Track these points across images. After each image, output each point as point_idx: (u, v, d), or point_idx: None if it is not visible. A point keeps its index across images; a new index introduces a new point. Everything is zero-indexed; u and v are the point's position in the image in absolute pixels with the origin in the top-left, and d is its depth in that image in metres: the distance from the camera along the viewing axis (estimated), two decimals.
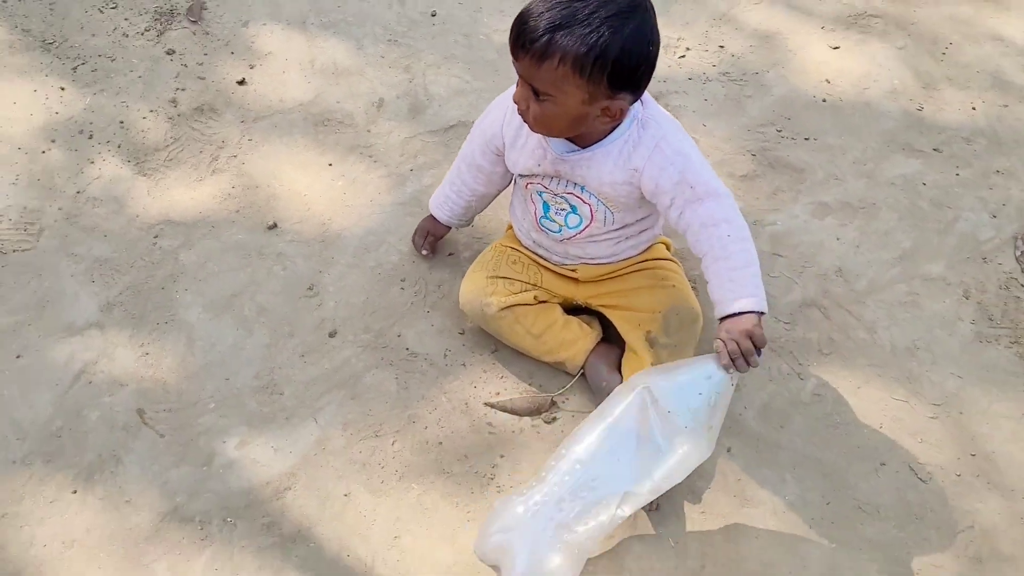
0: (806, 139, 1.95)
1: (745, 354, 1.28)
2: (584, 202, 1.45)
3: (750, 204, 1.82)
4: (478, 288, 1.56)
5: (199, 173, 1.86)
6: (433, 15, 2.18)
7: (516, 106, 1.32)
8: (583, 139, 1.38)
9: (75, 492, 1.45)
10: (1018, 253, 1.75)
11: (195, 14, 2.15)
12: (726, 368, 1.29)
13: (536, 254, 1.59)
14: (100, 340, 1.62)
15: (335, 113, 1.97)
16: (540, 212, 1.50)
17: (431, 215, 1.69)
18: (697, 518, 1.41)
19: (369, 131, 1.94)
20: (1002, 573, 1.37)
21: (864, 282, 1.72)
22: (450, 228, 1.70)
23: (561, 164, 1.40)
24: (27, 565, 1.38)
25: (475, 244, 1.75)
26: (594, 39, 1.20)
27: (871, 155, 1.93)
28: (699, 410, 1.24)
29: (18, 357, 1.60)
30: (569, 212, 1.47)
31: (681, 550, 1.38)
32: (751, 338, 1.28)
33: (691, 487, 1.44)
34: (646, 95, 1.38)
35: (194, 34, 2.12)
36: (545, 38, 1.21)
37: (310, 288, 1.69)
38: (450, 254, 1.74)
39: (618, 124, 1.34)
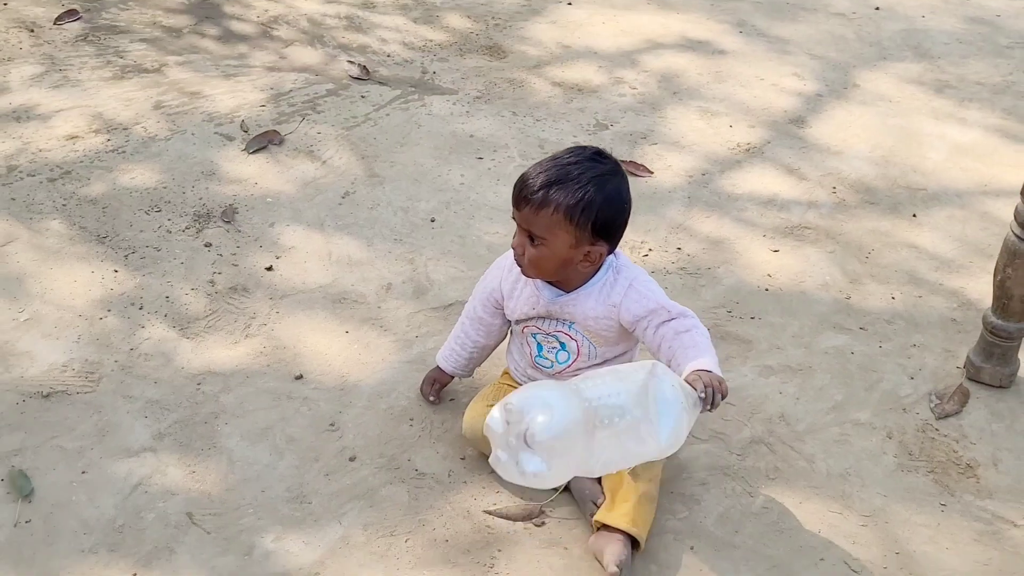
0: (752, 318, 2.64)
1: (716, 390, 1.82)
2: (571, 338, 2.08)
3: None
4: (479, 415, 2.14)
5: (234, 337, 2.49)
6: (432, 221, 2.93)
7: (513, 253, 1.98)
8: (567, 284, 2.04)
9: (135, 575, 1.93)
10: (932, 405, 2.39)
11: (228, 216, 2.88)
12: (701, 399, 1.80)
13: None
14: (154, 460, 2.16)
15: (350, 294, 2.65)
16: (535, 352, 2.13)
17: (437, 367, 2.31)
18: None
19: (380, 307, 2.61)
20: None
21: (803, 425, 2.33)
22: (453, 378, 2.31)
23: (552, 306, 2.06)
24: None
25: (473, 392, 2.35)
26: (582, 194, 1.89)
27: (807, 331, 2.61)
28: (677, 402, 1.77)
29: (83, 472, 2.13)
30: (559, 349, 2.10)
31: None
32: (720, 383, 1.85)
33: (660, 575, 1.96)
34: (618, 250, 2.07)
35: (227, 232, 2.84)
36: (542, 192, 1.90)
37: (332, 424, 2.27)
38: (451, 399, 2.34)
39: (597, 270, 2.01)
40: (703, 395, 1.80)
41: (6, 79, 3.55)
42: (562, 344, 2.10)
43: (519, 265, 2.02)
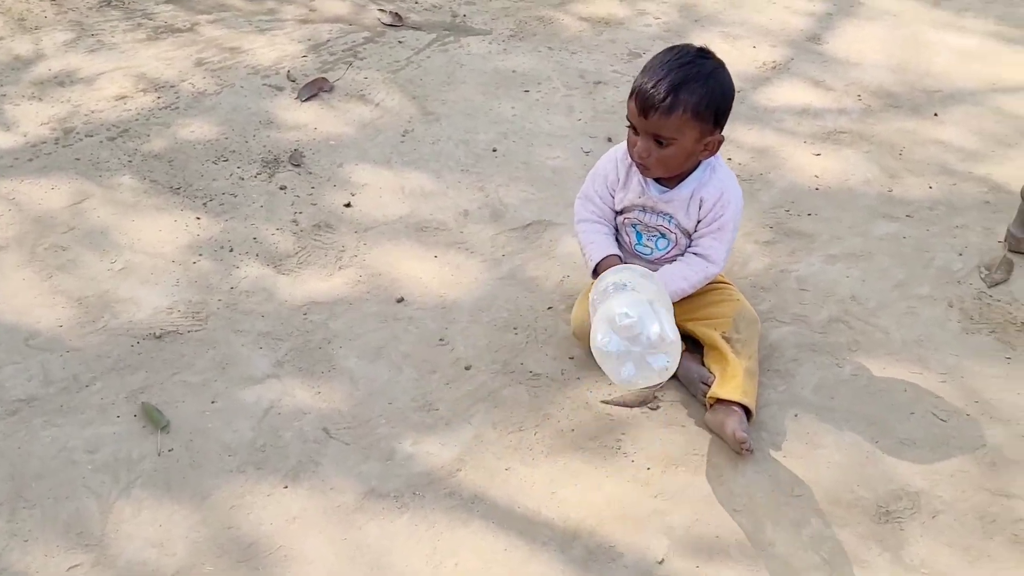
0: (808, 215, 2.77)
1: None
2: (670, 230, 2.21)
3: (776, 260, 2.60)
4: (584, 311, 2.26)
5: (328, 270, 2.58)
6: (494, 151, 3.02)
7: (636, 158, 2.09)
8: (672, 180, 2.15)
9: (286, 487, 2.03)
10: (982, 276, 2.55)
11: (296, 160, 2.95)
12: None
13: None
14: (279, 386, 2.25)
15: (430, 222, 2.74)
16: (634, 240, 2.26)
17: (605, 261, 2.26)
18: (780, 458, 2.06)
19: (462, 232, 2.70)
20: (1010, 472, 2.04)
21: (873, 303, 2.48)
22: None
23: (658, 200, 2.18)
24: (260, 536, 1.94)
25: (567, 299, 2.47)
26: (704, 91, 2.02)
27: (860, 222, 2.75)
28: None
29: (213, 402, 2.21)
30: (659, 237, 2.23)
31: (773, 475, 2.02)
32: None
33: (772, 440, 2.10)
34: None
35: (299, 175, 2.91)
36: (670, 97, 2.00)
37: (441, 339, 2.37)
38: (549, 308, 2.45)
39: (711, 155, 2.13)
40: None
41: (39, 46, 3.55)
42: (662, 234, 2.22)
43: (643, 167, 2.12)
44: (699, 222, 2.18)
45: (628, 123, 2.11)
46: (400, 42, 3.60)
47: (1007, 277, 2.56)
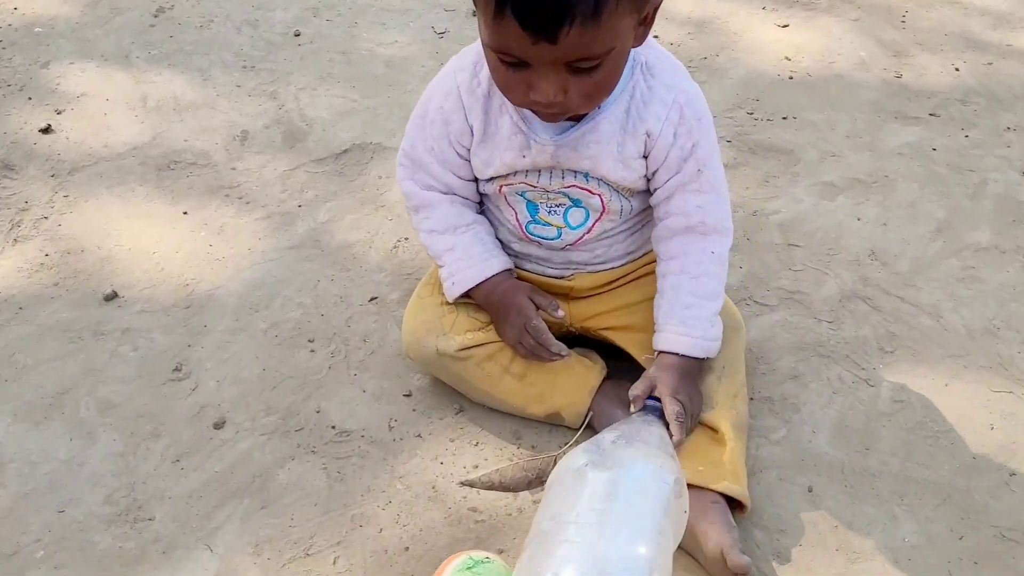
0: (784, 118, 1.74)
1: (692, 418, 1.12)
2: (591, 192, 1.14)
3: (740, 195, 1.57)
4: (429, 320, 1.21)
5: None
6: (297, 35, 1.90)
7: (543, 105, 1.00)
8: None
9: None
10: None
11: None
12: (674, 441, 1.07)
13: (520, 269, 1.25)
14: None
15: (183, 154, 1.63)
16: (525, 217, 1.18)
17: (489, 290, 1.21)
18: None
19: (234, 169, 1.60)
20: None
21: (905, 262, 1.48)
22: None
23: (555, 151, 1.10)
24: None
25: (404, 283, 1.42)
26: None
27: (863, 127, 1.74)
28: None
29: None
30: (569, 207, 1.16)
31: None
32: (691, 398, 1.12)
33: (775, 547, 1.11)
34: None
35: None
36: None
37: (176, 369, 1.29)
38: (373, 299, 1.40)
39: (642, 42, 1.06)
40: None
41: None
42: (575, 200, 1.16)
43: (552, 113, 1.04)
44: (655, 171, 1.14)
45: (502, 56, 1.00)
46: None
47: None
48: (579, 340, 1.28)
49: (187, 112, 1.71)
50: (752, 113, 1.76)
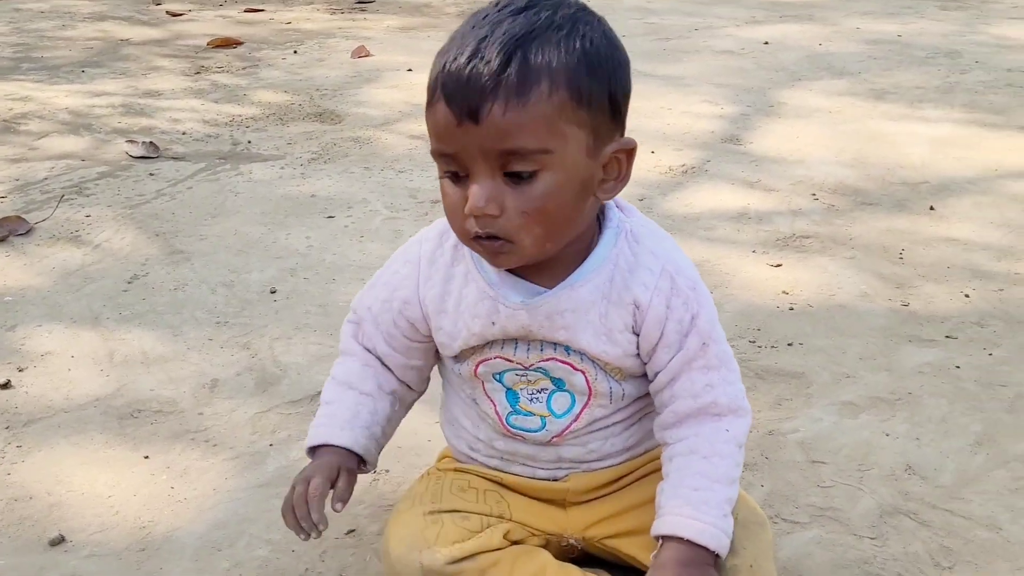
0: (789, 344, 1.72)
1: None
2: (573, 367, 1.09)
3: (756, 418, 1.51)
4: (414, 533, 1.09)
5: None
6: (273, 292, 1.92)
7: (475, 223, 0.97)
8: (550, 270, 1.06)
9: None
10: None
11: None
12: None
13: (509, 473, 1.16)
14: None
15: (148, 403, 1.57)
16: (505, 407, 1.12)
17: (319, 450, 1.16)
18: None
19: (201, 414, 1.54)
20: None
21: (948, 476, 1.39)
22: (347, 474, 1.15)
23: (531, 315, 1.06)
24: None
25: (384, 515, 1.31)
26: (576, 45, 0.95)
27: (876, 351, 1.71)
28: None
29: None
30: (554, 391, 1.10)
31: None
32: None
33: None
34: (618, 197, 1.13)
35: None
36: (516, 61, 0.92)
37: None
38: (350, 531, 1.28)
39: (614, 193, 1.05)
40: None
41: None
42: (557, 381, 1.10)
43: (493, 243, 0.99)
44: (651, 351, 1.08)
45: (443, 169, 1.00)
46: (151, 175, 2.52)
47: None
48: (586, 561, 1.17)
49: (155, 365, 1.68)
50: (755, 342, 1.74)
